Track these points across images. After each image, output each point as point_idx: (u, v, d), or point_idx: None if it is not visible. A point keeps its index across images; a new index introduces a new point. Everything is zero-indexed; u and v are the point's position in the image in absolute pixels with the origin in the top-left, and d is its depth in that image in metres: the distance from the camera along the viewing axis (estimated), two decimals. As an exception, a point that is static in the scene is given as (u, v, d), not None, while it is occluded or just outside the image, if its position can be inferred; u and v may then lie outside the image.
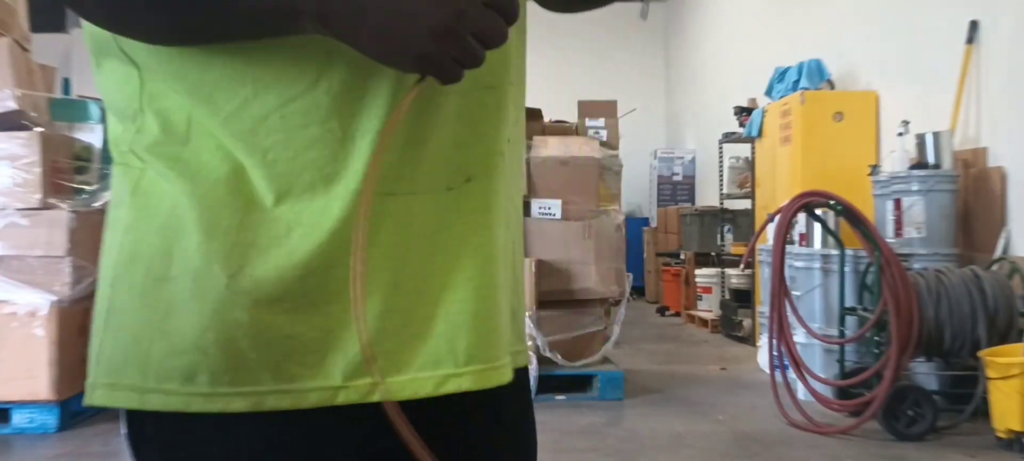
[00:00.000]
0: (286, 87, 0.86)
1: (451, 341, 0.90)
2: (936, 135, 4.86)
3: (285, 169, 0.86)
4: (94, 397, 0.88)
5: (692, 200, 11.09)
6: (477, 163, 0.92)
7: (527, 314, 4.78)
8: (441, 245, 0.90)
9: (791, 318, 4.57)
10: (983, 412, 3.96)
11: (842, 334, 4.67)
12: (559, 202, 5.11)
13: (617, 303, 5.17)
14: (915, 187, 4.80)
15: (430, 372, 0.89)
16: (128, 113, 0.91)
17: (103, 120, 4.72)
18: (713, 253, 8.55)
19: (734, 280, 7.85)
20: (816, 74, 6.31)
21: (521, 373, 1.03)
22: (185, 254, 0.85)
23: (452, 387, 0.89)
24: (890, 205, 4.92)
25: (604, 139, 5.50)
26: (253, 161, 0.86)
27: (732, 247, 7.92)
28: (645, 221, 11.67)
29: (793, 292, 4.79)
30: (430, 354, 0.89)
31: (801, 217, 5.00)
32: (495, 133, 0.94)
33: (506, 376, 0.94)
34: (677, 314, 9.25)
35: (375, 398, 0.85)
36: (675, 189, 11.29)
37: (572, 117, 5.74)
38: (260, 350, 0.84)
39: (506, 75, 0.95)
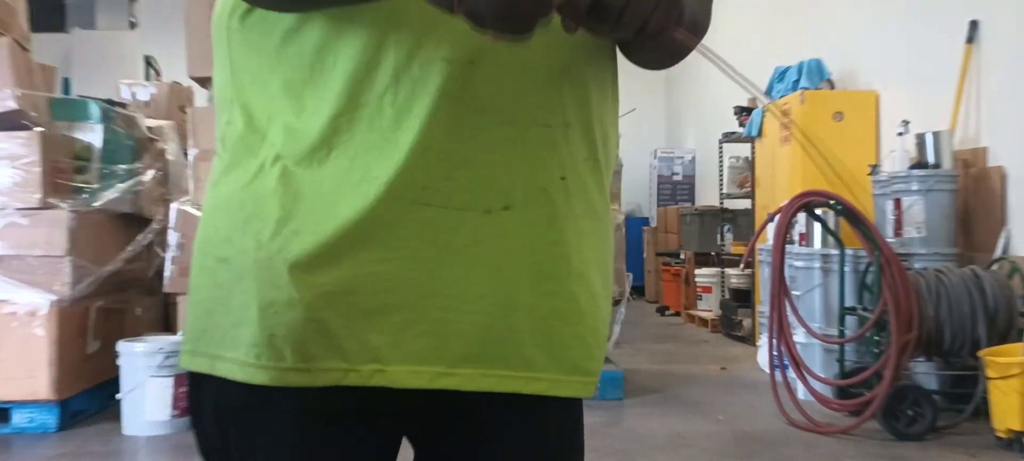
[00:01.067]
0: (351, 99, 0.95)
1: (453, 344, 0.98)
2: (936, 135, 4.86)
3: (336, 169, 0.95)
4: (181, 361, 1.03)
5: (692, 200, 11.08)
6: (518, 193, 0.98)
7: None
8: (469, 260, 0.97)
9: (791, 318, 4.57)
10: (983, 412, 3.96)
11: (842, 334, 4.67)
12: (559, 202, 5.11)
13: (617, 303, 5.17)
14: (915, 187, 4.80)
15: (428, 367, 0.97)
16: (222, 104, 1.04)
17: (103, 120, 4.72)
18: (713, 253, 8.55)
19: (734, 280, 7.85)
20: (816, 74, 6.31)
21: (573, 402, 1.08)
22: (240, 239, 0.97)
23: (443, 384, 0.98)
24: (890, 205, 4.92)
25: (604, 139, 5.49)
26: (306, 153, 0.96)
27: (732, 247, 7.92)
28: (645, 221, 11.67)
29: (793, 292, 4.79)
30: (431, 351, 0.97)
31: (801, 217, 5.00)
32: (540, 169, 0.99)
33: (501, 385, 1.00)
34: (677, 314, 9.25)
35: (375, 383, 0.96)
36: (675, 189, 11.29)
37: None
38: (289, 329, 0.95)
39: (560, 116, 1.01)
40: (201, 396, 1.03)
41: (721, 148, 8.29)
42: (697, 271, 8.54)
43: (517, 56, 0.96)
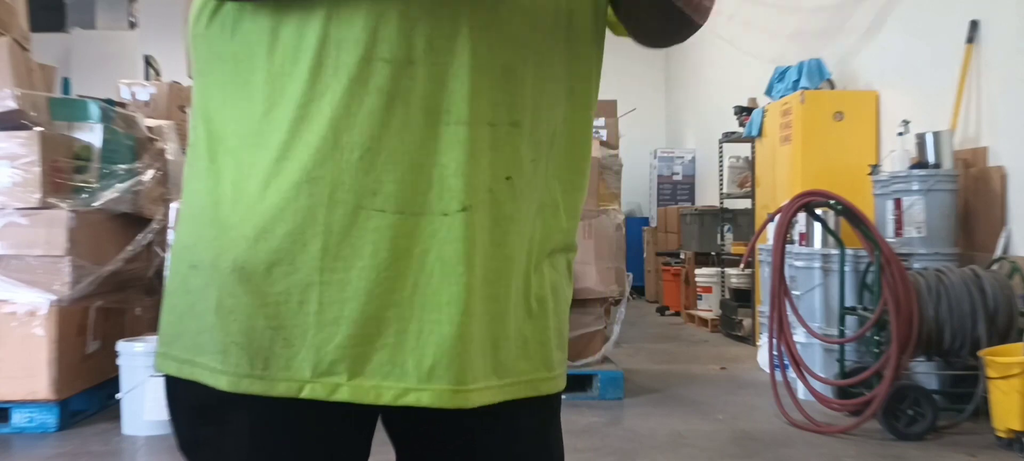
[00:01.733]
0: (300, 105, 0.95)
1: (417, 356, 0.95)
2: (936, 135, 4.85)
3: (288, 176, 0.95)
4: (156, 363, 1.04)
5: (692, 200, 11.08)
6: (471, 195, 0.96)
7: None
8: (427, 267, 0.95)
9: (791, 317, 4.57)
10: (983, 411, 3.96)
11: (842, 333, 4.67)
12: (559, 201, 5.11)
13: (617, 303, 5.17)
14: (915, 187, 4.80)
15: (393, 383, 0.95)
16: (193, 112, 1.05)
17: (102, 120, 4.72)
18: (713, 253, 8.55)
19: (734, 280, 7.85)
20: (816, 74, 6.31)
21: (544, 399, 1.08)
22: (204, 246, 0.99)
23: (411, 400, 0.96)
24: (890, 205, 4.91)
25: (604, 139, 5.49)
26: (256, 161, 0.97)
27: (732, 247, 7.92)
28: (645, 221, 11.67)
29: (793, 292, 4.79)
30: (397, 366, 0.95)
31: (801, 217, 4.99)
32: (489, 169, 0.98)
33: (473, 401, 0.98)
34: (677, 314, 9.25)
35: (338, 397, 0.94)
36: (675, 189, 11.28)
37: (572, 116, 5.72)
38: (246, 336, 0.95)
39: (506, 115, 0.99)
40: (175, 396, 1.04)
41: (721, 148, 8.28)
42: (697, 271, 8.54)
43: (461, 55, 0.96)
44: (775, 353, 4.53)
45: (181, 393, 1.03)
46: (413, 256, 0.95)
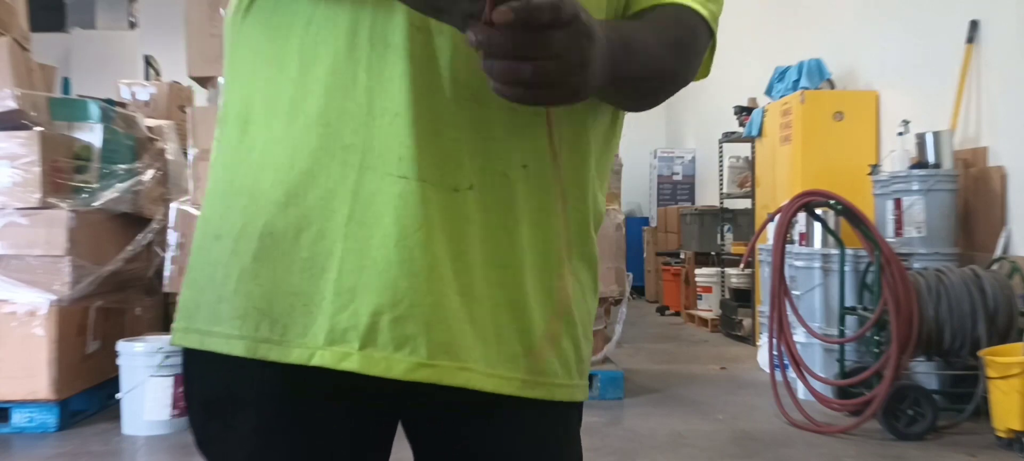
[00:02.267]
0: (332, 71, 0.95)
1: (429, 332, 0.94)
2: (936, 135, 4.85)
3: (313, 139, 0.95)
4: (174, 338, 1.03)
5: (692, 200, 11.08)
6: (480, 175, 0.97)
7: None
8: (438, 239, 0.95)
9: (791, 317, 4.57)
10: (983, 411, 3.96)
11: (842, 333, 4.67)
12: (559, 201, 5.11)
13: (617, 303, 5.17)
14: (915, 187, 4.80)
15: (404, 355, 0.94)
16: (223, 90, 1.06)
17: (102, 120, 4.72)
18: (713, 253, 8.55)
19: (734, 280, 7.85)
20: (816, 73, 6.31)
21: (571, 406, 1.07)
22: (229, 214, 0.99)
23: (421, 376, 0.94)
24: (890, 205, 4.91)
25: (604, 138, 5.48)
26: (289, 131, 0.97)
27: (732, 247, 7.92)
28: (645, 221, 11.67)
29: (793, 292, 4.79)
30: (408, 339, 0.94)
31: (801, 216, 4.99)
32: (503, 153, 0.98)
33: (474, 382, 0.97)
34: (677, 314, 9.25)
35: (346, 366, 0.94)
36: (675, 189, 11.28)
37: (572, 116, 5.72)
38: (268, 301, 0.95)
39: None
40: (191, 373, 1.04)
41: (721, 148, 8.28)
42: (697, 271, 8.54)
43: None
44: (775, 353, 4.53)
45: (198, 368, 1.03)
46: (434, 227, 0.94)
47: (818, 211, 4.82)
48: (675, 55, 1.04)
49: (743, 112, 7.46)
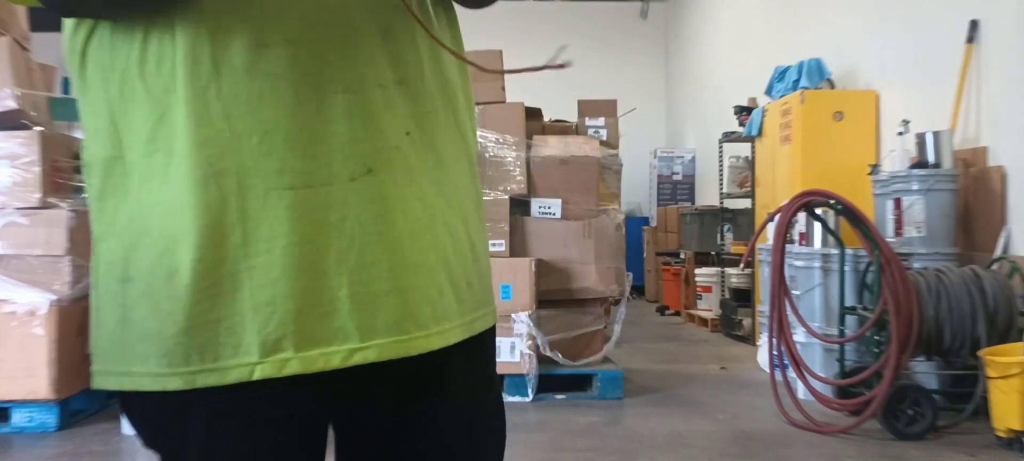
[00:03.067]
0: (188, 101, 0.97)
1: (357, 318, 0.99)
2: (936, 134, 4.85)
3: (189, 170, 0.96)
4: (94, 381, 1.05)
5: (692, 199, 11.09)
6: (374, 155, 1.01)
7: (526, 313, 4.78)
8: (347, 231, 0.99)
9: (791, 317, 4.57)
10: (983, 411, 3.96)
11: (842, 333, 4.67)
12: (559, 201, 5.11)
13: (617, 302, 5.17)
14: (915, 186, 4.80)
15: (338, 346, 0.98)
16: (82, 127, 1.06)
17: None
18: (713, 252, 8.55)
19: (734, 279, 7.85)
20: (816, 73, 6.31)
21: (485, 334, 1.15)
22: (136, 257, 0.99)
23: (358, 359, 0.99)
24: (890, 204, 4.91)
25: (604, 138, 5.49)
26: (165, 165, 0.98)
27: (732, 246, 7.92)
28: (645, 220, 11.67)
29: (793, 291, 4.79)
30: (338, 330, 0.99)
31: (801, 216, 4.99)
32: (389, 128, 1.02)
33: (422, 346, 1.03)
34: (677, 313, 9.25)
35: (288, 371, 0.97)
36: (675, 188, 11.28)
37: (572, 116, 5.74)
38: (190, 335, 0.96)
39: (391, 74, 1.03)
40: (127, 409, 1.06)
41: (721, 148, 8.28)
42: (697, 271, 8.54)
43: (338, 26, 0.99)
44: (775, 353, 4.53)
45: (133, 405, 1.05)
46: (331, 225, 0.98)
47: (818, 211, 4.82)
48: None
49: (743, 112, 7.46)
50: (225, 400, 0.99)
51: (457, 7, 1.18)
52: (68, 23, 1.05)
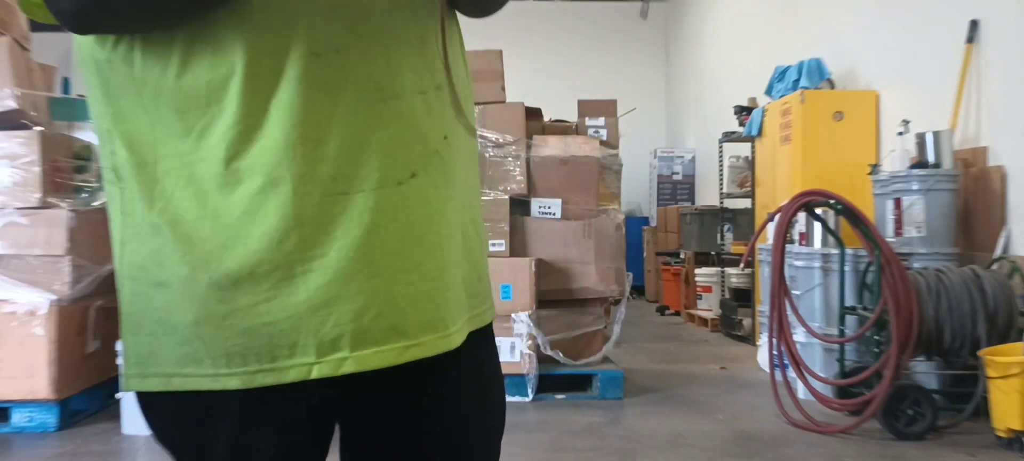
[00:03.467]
0: (242, 115, 0.98)
1: (407, 316, 1.04)
2: (936, 134, 4.85)
3: (248, 182, 0.99)
4: (129, 385, 1.07)
5: (692, 199, 11.09)
6: (418, 160, 1.05)
7: (526, 313, 4.78)
8: (396, 234, 1.03)
9: (791, 317, 4.57)
10: (983, 411, 3.96)
11: (842, 333, 4.67)
12: (559, 201, 5.11)
13: (617, 302, 5.17)
14: (915, 186, 4.80)
15: (391, 345, 1.03)
16: (103, 135, 1.06)
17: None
18: (713, 252, 8.55)
19: (734, 279, 7.85)
20: (816, 73, 6.31)
21: (486, 328, 1.21)
22: (174, 263, 1.01)
23: (409, 357, 1.04)
24: (890, 204, 4.91)
25: (604, 138, 5.49)
26: (214, 174, 0.99)
27: (732, 246, 7.92)
28: (645, 220, 11.67)
29: (793, 291, 4.79)
30: (391, 329, 1.03)
31: (801, 216, 4.99)
32: (429, 133, 1.07)
33: (455, 341, 1.08)
34: (677, 313, 9.25)
35: (345, 371, 1.01)
36: (675, 188, 11.28)
37: (572, 116, 5.74)
38: (247, 336, 1.00)
39: (431, 80, 1.08)
40: (155, 411, 1.09)
41: (721, 148, 8.28)
42: (697, 271, 8.54)
43: (382, 36, 1.02)
44: (775, 353, 4.53)
45: (164, 408, 1.07)
46: (381, 227, 1.02)
47: (818, 211, 4.82)
48: None
49: (743, 112, 7.46)
50: (252, 398, 1.02)
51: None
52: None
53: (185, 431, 1.08)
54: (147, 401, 1.08)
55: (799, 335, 4.73)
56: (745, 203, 7.59)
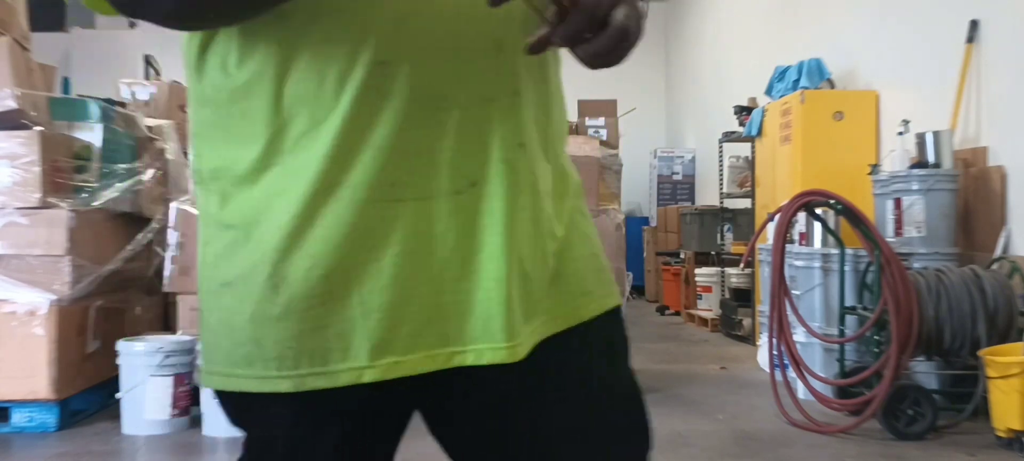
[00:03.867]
0: (309, 117, 1.00)
1: (458, 323, 1.04)
2: (936, 134, 4.85)
3: (306, 183, 1.00)
4: (203, 379, 1.11)
5: (692, 199, 11.09)
6: (480, 169, 1.04)
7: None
8: (450, 242, 1.03)
9: (791, 317, 4.57)
10: (983, 411, 3.96)
11: (842, 333, 4.67)
12: (559, 201, 5.11)
13: (617, 302, 5.16)
14: (915, 186, 4.80)
15: (440, 350, 1.04)
16: (192, 137, 1.12)
17: (102, 119, 4.72)
18: (713, 252, 8.55)
19: (734, 279, 7.85)
20: (816, 73, 6.31)
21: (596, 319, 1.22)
22: (239, 263, 1.04)
23: (457, 362, 1.04)
24: (890, 204, 4.91)
25: (604, 138, 5.50)
26: (274, 180, 1.02)
27: (732, 246, 7.92)
28: (645, 220, 11.67)
29: (793, 291, 4.79)
30: (441, 335, 1.04)
31: (801, 216, 4.99)
32: (500, 141, 1.05)
33: (512, 355, 1.05)
34: (677, 313, 9.25)
35: (395, 374, 1.02)
36: (675, 188, 11.28)
37: (572, 116, 5.74)
38: (301, 340, 1.02)
39: (507, 86, 1.05)
40: (225, 405, 1.13)
41: (721, 148, 8.28)
42: (697, 271, 8.54)
43: (452, 42, 1.01)
44: (775, 353, 4.53)
45: (232, 404, 1.12)
46: (436, 236, 1.03)
47: (818, 211, 4.82)
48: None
49: (743, 112, 7.46)
50: (305, 399, 1.04)
51: None
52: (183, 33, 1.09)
53: (250, 424, 1.12)
54: (216, 393, 1.11)
55: (799, 335, 4.74)
56: (745, 203, 7.59)
